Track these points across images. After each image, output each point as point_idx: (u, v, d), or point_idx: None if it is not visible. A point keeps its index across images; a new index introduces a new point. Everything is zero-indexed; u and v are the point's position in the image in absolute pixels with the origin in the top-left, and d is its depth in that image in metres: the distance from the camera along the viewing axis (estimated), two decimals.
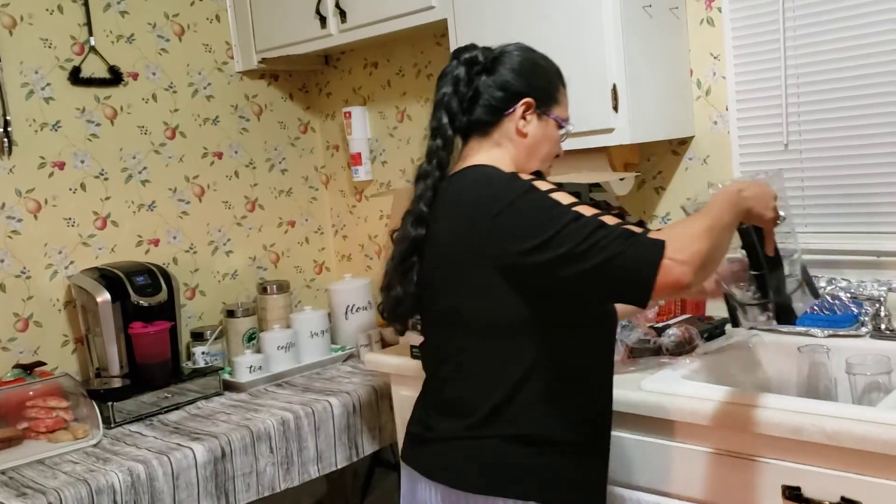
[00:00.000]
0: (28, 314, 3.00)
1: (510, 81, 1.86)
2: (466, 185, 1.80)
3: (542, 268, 1.62)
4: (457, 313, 1.78)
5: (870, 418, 1.72)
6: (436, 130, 1.86)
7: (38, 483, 2.27)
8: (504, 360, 1.73)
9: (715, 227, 1.59)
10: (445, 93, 1.86)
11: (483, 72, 1.87)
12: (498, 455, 1.73)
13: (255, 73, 3.68)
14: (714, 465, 1.93)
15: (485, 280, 1.71)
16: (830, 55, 2.43)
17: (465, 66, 1.87)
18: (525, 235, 1.63)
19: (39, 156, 3.03)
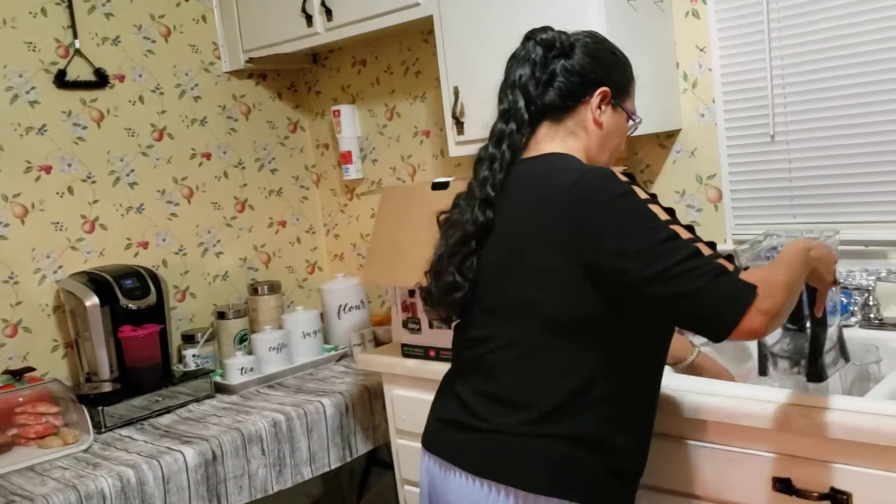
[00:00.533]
0: (17, 320, 2.99)
1: (588, 68, 1.79)
2: (553, 172, 1.70)
3: (629, 278, 1.55)
4: (529, 304, 1.66)
5: (859, 408, 1.71)
6: (508, 113, 1.78)
7: (26, 490, 2.26)
8: (573, 357, 1.65)
9: (793, 283, 1.57)
10: (522, 74, 1.78)
11: (561, 55, 1.79)
12: (560, 455, 1.65)
13: (243, 72, 3.67)
14: (703, 458, 1.93)
15: (566, 274, 1.62)
16: (815, 46, 2.42)
17: (543, 48, 1.79)
18: (621, 238, 1.56)
19: (25, 160, 3.02)
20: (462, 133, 2.80)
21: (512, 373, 1.70)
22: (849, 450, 1.70)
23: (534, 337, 1.67)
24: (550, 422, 1.65)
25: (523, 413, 1.67)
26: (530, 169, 1.75)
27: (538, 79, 1.78)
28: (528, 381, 1.68)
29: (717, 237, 2.68)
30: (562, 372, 1.65)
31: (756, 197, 2.59)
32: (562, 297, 1.63)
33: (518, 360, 1.69)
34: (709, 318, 1.51)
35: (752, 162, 2.58)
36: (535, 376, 1.67)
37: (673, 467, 1.98)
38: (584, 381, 1.64)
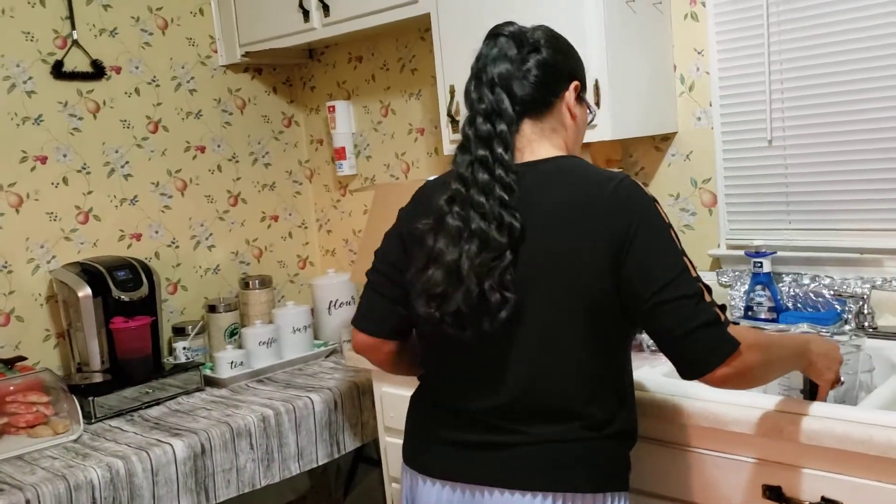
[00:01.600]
0: (10, 308, 2.99)
1: (560, 62, 1.76)
2: (575, 176, 1.68)
3: (641, 299, 1.59)
4: (558, 309, 1.63)
5: (851, 418, 1.71)
6: (496, 113, 1.67)
7: (15, 479, 2.26)
8: (604, 363, 1.67)
9: (774, 361, 1.68)
10: (501, 71, 1.69)
11: (533, 50, 1.73)
12: (603, 451, 1.69)
13: (239, 66, 3.66)
14: (693, 464, 1.93)
15: (599, 277, 1.60)
16: (815, 51, 2.42)
17: (516, 43, 1.73)
18: (652, 270, 1.59)
19: (21, 150, 3.01)
20: (457, 131, 2.79)
21: (542, 380, 1.66)
22: (840, 459, 1.70)
23: (560, 342, 1.64)
24: (600, 425, 1.68)
25: (564, 419, 1.66)
26: (543, 172, 1.69)
27: (518, 76, 1.71)
28: (561, 386, 1.65)
29: (711, 242, 2.68)
30: (591, 373, 1.65)
31: (751, 202, 2.59)
32: (592, 299, 1.62)
33: (548, 366, 1.65)
34: (691, 358, 1.58)
35: (748, 167, 2.58)
36: (568, 381, 1.65)
37: (662, 472, 1.98)
38: (609, 378, 1.69)
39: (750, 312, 2.50)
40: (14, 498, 2.14)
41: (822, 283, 2.45)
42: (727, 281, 2.62)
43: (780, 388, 2.10)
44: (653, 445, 1.99)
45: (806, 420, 1.74)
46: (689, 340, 1.55)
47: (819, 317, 2.36)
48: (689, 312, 1.55)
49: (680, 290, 1.56)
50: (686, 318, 1.55)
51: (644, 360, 2.23)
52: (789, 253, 2.51)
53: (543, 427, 1.66)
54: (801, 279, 2.49)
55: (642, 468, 2.01)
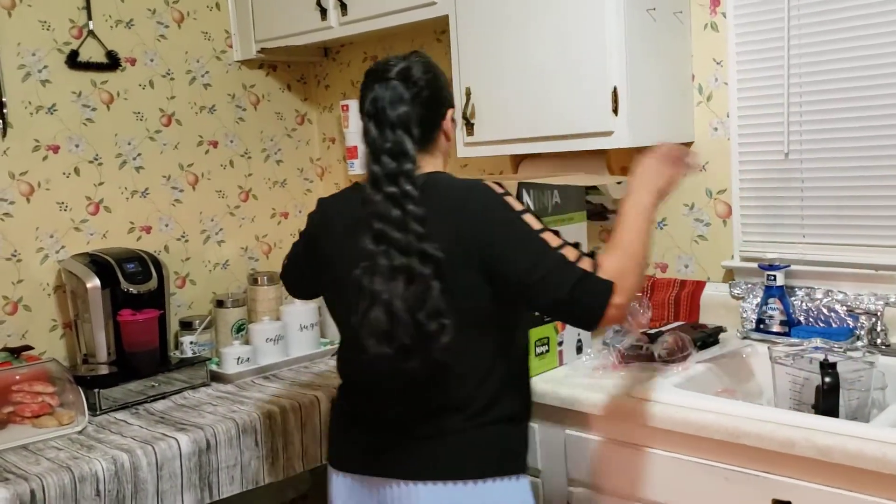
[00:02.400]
0: (17, 297, 2.98)
1: (438, 95, 1.91)
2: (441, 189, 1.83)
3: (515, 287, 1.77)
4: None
5: (863, 434, 1.71)
6: (401, 154, 1.79)
7: (20, 468, 2.24)
8: (489, 353, 1.84)
9: (639, 251, 1.79)
10: (401, 113, 1.81)
11: (419, 91, 1.86)
12: (495, 439, 1.85)
13: (254, 62, 3.66)
14: (704, 476, 1.92)
15: (472, 281, 1.78)
16: (835, 65, 2.41)
17: (405, 85, 1.85)
18: (515, 259, 1.75)
19: (34, 139, 3.01)
20: (472, 134, 2.80)
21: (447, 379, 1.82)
22: (852, 476, 1.70)
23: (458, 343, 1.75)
24: (489, 411, 1.84)
25: (461, 411, 1.83)
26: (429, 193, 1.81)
27: (413, 116, 1.83)
28: (461, 382, 1.82)
29: (725, 253, 2.68)
30: (475, 366, 1.83)
31: (766, 214, 2.58)
32: (469, 296, 1.79)
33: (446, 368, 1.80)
34: (581, 317, 1.74)
35: (764, 179, 2.57)
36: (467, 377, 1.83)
37: (672, 484, 1.98)
38: (504, 369, 1.87)
39: (762, 325, 2.50)
40: (19, 488, 2.13)
41: (835, 298, 2.44)
42: (740, 293, 2.61)
43: (791, 403, 2.09)
44: (663, 456, 1.99)
45: (819, 436, 1.73)
46: (570, 304, 1.71)
47: (831, 332, 2.35)
48: (558, 281, 1.71)
49: (544, 267, 1.72)
50: (558, 286, 1.71)
51: (655, 371, 2.22)
52: (803, 267, 2.50)
53: (432, 422, 1.83)
54: (814, 293, 2.48)
55: (653, 479, 2.01)
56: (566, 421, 2.20)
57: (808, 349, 2.14)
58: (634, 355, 2.32)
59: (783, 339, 2.40)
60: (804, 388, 2.07)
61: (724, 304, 2.66)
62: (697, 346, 2.34)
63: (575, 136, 2.51)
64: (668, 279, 2.80)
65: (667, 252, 2.83)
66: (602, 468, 2.12)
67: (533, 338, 2.30)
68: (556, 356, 2.39)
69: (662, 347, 2.29)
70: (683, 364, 2.25)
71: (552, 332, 2.37)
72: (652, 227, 1.86)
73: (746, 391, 2.30)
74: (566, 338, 2.42)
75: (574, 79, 2.51)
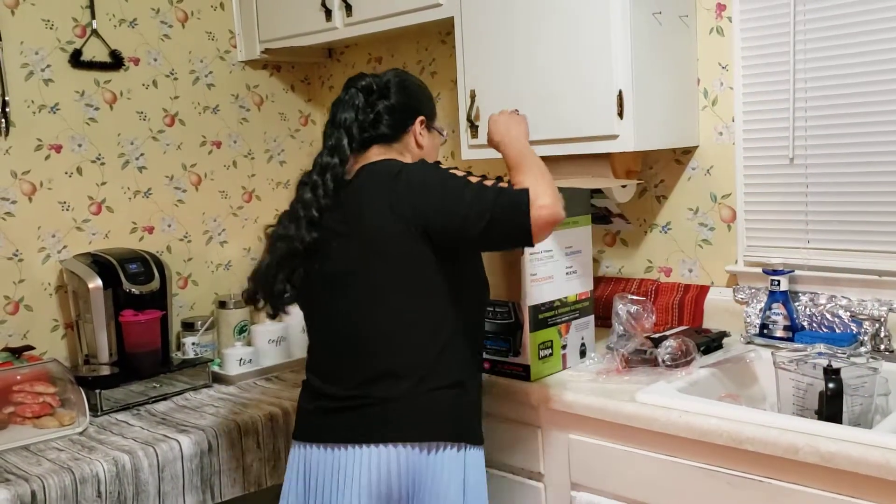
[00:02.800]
0: (19, 297, 2.97)
1: (405, 103, 2.17)
2: (383, 170, 2.05)
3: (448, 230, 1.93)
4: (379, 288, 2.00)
5: (866, 441, 1.70)
6: (334, 149, 2.09)
7: (21, 469, 2.24)
8: (432, 321, 2.00)
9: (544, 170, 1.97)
10: (346, 117, 2.10)
11: (380, 97, 2.14)
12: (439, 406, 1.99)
13: (258, 63, 3.65)
14: (706, 481, 1.92)
15: (410, 248, 1.97)
16: (840, 70, 2.40)
17: (364, 94, 2.14)
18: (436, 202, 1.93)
19: (37, 138, 3.00)
20: (476, 136, 2.79)
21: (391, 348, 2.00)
22: (855, 482, 1.69)
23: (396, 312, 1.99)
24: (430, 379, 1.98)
25: (405, 378, 1.97)
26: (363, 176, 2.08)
27: (362, 120, 2.11)
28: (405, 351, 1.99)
29: (729, 258, 2.67)
30: (429, 335, 1.99)
31: (771, 219, 2.58)
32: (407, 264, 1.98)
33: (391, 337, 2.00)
34: (513, 232, 1.86)
35: (768, 184, 2.57)
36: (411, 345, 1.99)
37: (674, 489, 1.97)
38: (447, 337, 2.00)
39: (766, 330, 2.49)
40: (20, 489, 2.12)
41: (838, 304, 2.43)
42: (744, 298, 2.61)
43: (794, 409, 2.09)
44: (666, 461, 1.98)
45: (822, 441, 1.73)
46: (499, 222, 1.85)
47: (835, 338, 2.35)
48: (480, 208, 1.86)
49: (466, 203, 1.88)
50: (480, 213, 1.86)
51: (659, 375, 2.22)
52: (807, 272, 2.49)
53: (377, 389, 1.98)
54: (818, 298, 2.47)
55: (656, 483, 2.00)
56: (569, 425, 2.19)
57: (812, 355, 2.14)
58: (638, 360, 2.31)
59: (787, 344, 2.40)
60: (807, 394, 2.06)
61: (727, 309, 2.65)
62: (701, 350, 2.33)
63: (580, 139, 2.50)
64: (672, 283, 2.79)
65: (671, 256, 2.82)
66: (605, 472, 2.12)
67: (536, 341, 2.30)
68: (559, 360, 2.39)
69: (666, 352, 2.28)
70: (687, 369, 2.24)
71: (556, 335, 2.37)
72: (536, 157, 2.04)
73: (750, 396, 2.29)
74: (570, 342, 2.41)
75: (579, 82, 2.50)
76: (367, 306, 2.01)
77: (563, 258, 2.38)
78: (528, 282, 2.28)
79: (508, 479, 2.35)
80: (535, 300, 2.31)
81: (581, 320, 2.46)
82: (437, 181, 1.97)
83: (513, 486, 2.34)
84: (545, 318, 2.34)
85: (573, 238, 2.42)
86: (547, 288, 2.34)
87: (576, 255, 2.43)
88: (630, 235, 2.92)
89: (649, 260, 2.88)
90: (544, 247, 2.31)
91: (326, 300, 2.08)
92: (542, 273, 2.32)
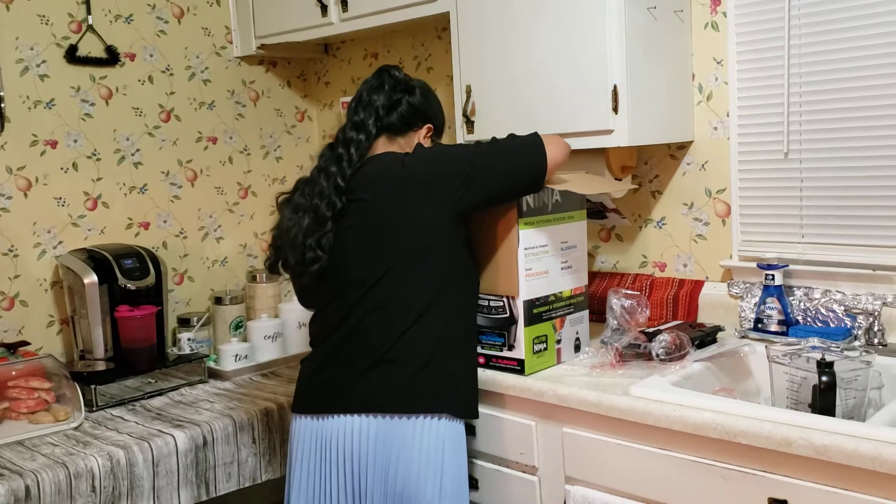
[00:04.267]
0: (14, 293, 2.98)
1: (423, 106, 2.35)
2: (390, 157, 2.23)
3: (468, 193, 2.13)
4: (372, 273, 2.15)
5: (860, 434, 1.70)
6: (360, 125, 2.26)
7: (15, 464, 2.24)
8: (424, 312, 2.14)
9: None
10: (375, 98, 2.29)
11: (406, 92, 2.32)
12: (423, 385, 2.14)
13: (254, 58, 3.65)
14: (700, 475, 1.92)
15: (408, 231, 2.14)
16: (835, 65, 2.41)
17: (392, 83, 2.31)
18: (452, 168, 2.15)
19: (32, 133, 3.00)
20: (472, 132, 2.79)
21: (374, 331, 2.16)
22: (848, 475, 1.69)
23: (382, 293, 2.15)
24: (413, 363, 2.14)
25: (394, 363, 2.14)
26: (375, 162, 2.22)
27: (386, 105, 2.29)
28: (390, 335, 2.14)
29: (724, 253, 2.67)
30: (409, 321, 2.14)
31: (765, 214, 2.58)
32: (403, 249, 2.14)
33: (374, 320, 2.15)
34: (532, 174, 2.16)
35: (763, 178, 2.57)
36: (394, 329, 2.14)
37: (669, 482, 1.97)
38: (434, 327, 2.15)
39: (760, 325, 2.49)
40: (14, 484, 2.13)
41: (833, 298, 2.44)
42: (738, 292, 2.61)
43: (788, 402, 2.09)
44: (661, 455, 1.98)
45: (815, 434, 1.73)
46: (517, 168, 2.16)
47: (829, 332, 2.35)
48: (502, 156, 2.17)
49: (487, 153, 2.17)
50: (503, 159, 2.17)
51: (653, 370, 2.22)
52: (801, 266, 2.49)
53: (369, 371, 2.15)
54: (812, 293, 2.48)
55: (650, 477, 2.00)
56: (563, 419, 2.19)
57: (806, 348, 2.14)
58: (632, 354, 2.31)
59: (781, 338, 2.40)
60: (801, 388, 2.06)
61: (722, 304, 2.65)
62: (695, 345, 2.33)
63: (575, 134, 2.50)
64: (666, 278, 2.80)
65: (665, 251, 2.83)
66: (599, 466, 2.12)
67: (531, 336, 2.30)
68: (554, 354, 2.39)
69: (660, 346, 2.29)
70: (681, 363, 2.25)
71: (550, 330, 2.37)
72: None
73: (744, 390, 2.29)
74: (564, 336, 2.41)
75: (574, 77, 2.50)
76: (361, 290, 2.16)
77: (559, 253, 2.38)
78: (523, 277, 2.28)
79: (503, 472, 2.35)
80: (530, 295, 2.31)
81: (576, 315, 2.46)
82: (442, 152, 2.23)
83: (507, 479, 2.34)
84: (540, 313, 2.33)
85: (568, 233, 2.42)
86: (542, 283, 2.34)
87: (571, 250, 2.43)
88: (625, 230, 2.92)
89: (644, 255, 2.89)
90: (539, 242, 2.31)
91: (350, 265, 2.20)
92: (536, 268, 2.32)
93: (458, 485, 2.17)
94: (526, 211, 2.27)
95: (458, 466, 2.18)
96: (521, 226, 2.26)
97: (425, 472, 2.11)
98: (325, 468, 2.20)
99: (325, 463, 2.20)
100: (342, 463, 2.18)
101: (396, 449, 2.12)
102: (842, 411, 2.01)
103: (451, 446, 2.15)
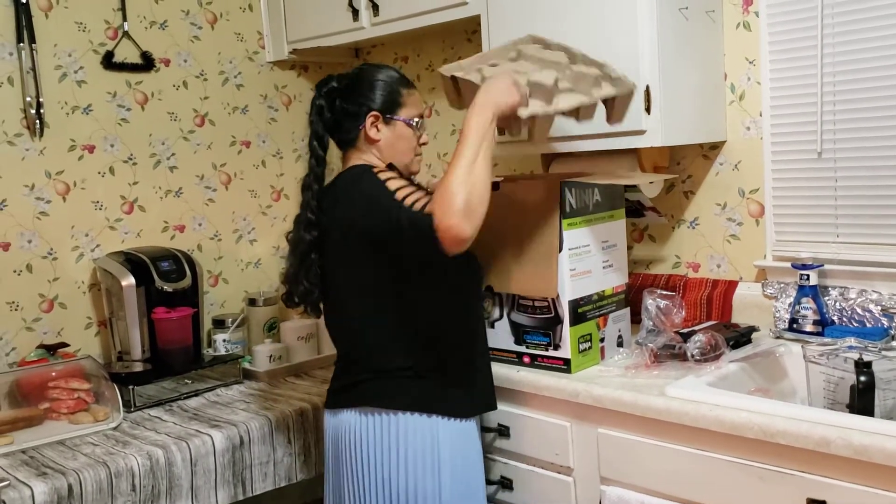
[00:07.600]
0: (53, 295, 3.01)
1: (357, 101, 2.24)
2: (347, 181, 2.20)
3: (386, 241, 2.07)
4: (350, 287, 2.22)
5: None
6: (311, 153, 2.27)
7: (58, 463, 2.27)
8: (391, 318, 2.18)
9: (472, 165, 1.94)
10: (312, 121, 2.28)
11: (339, 98, 2.26)
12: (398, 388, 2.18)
13: (286, 63, 3.68)
14: (737, 475, 1.92)
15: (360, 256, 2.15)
16: (868, 63, 2.39)
17: (326, 97, 2.28)
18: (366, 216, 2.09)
19: (70, 138, 3.04)
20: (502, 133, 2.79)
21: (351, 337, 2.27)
22: (890, 476, 1.69)
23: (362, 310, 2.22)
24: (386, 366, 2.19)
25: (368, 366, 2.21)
26: (337, 184, 2.24)
27: (327, 120, 2.27)
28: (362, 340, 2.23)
29: (758, 253, 2.67)
30: (381, 327, 2.19)
31: (799, 214, 2.57)
32: (359, 269, 2.18)
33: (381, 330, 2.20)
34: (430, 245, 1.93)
35: (796, 178, 2.56)
36: (364, 336, 2.22)
37: (705, 483, 1.97)
38: (402, 330, 2.18)
39: (795, 325, 2.49)
40: (57, 482, 2.16)
41: (869, 298, 2.42)
42: (772, 292, 2.60)
43: (825, 402, 2.09)
44: (696, 455, 1.98)
45: (855, 435, 1.72)
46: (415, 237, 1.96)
47: (866, 332, 2.34)
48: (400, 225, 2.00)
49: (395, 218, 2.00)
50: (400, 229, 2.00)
51: (688, 370, 2.22)
52: (836, 266, 2.48)
53: (356, 371, 2.24)
54: (847, 293, 2.47)
55: (686, 477, 2.00)
56: (599, 419, 2.20)
57: (843, 348, 2.13)
58: (667, 354, 2.31)
59: (817, 338, 2.39)
60: (838, 388, 2.06)
61: (756, 304, 2.65)
62: (730, 345, 2.33)
63: (607, 134, 2.50)
64: (700, 279, 2.79)
65: (699, 252, 2.82)
66: (635, 466, 2.12)
67: (576, 335, 2.33)
68: (598, 352, 2.40)
69: (695, 346, 2.29)
70: (716, 363, 2.25)
71: (594, 328, 2.38)
72: (488, 144, 2.00)
73: (780, 391, 2.29)
74: (607, 334, 2.43)
75: None
76: (342, 306, 2.27)
77: (600, 252, 2.40)
78: (567, 277, 2.29)
79: (537, 473, 2.36)
80: (575, 295, 2.32)
81: (617, 313, 2.47)
82: (377, 198, 2.08)
83: (542, 480, 2.35)
84: (584, 312, 2.35)
85: (609, 232, 2.43)
86: (585, 282, 2.36)
87: (612, 248, 2.44)
88: (658, 231, 2.92)
89: (677, 255, 2.89)
90: (582, 241, 2.35)
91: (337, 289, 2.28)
92: (580, 268, 2.33)
93: (464, 483, 2.20)
94: (569, 211, 2.28)
95: (463, 465, 2.20)
96: (564, 226, 2.27)
97: (422, 469, 2.16)
98: (337, 461, 2.31)
99: (336, 455, 2.31)
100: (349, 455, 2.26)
101: (388, 444, 2.19)
102: (880, 412, 2.00)
103: (448, 444, 2.17)
